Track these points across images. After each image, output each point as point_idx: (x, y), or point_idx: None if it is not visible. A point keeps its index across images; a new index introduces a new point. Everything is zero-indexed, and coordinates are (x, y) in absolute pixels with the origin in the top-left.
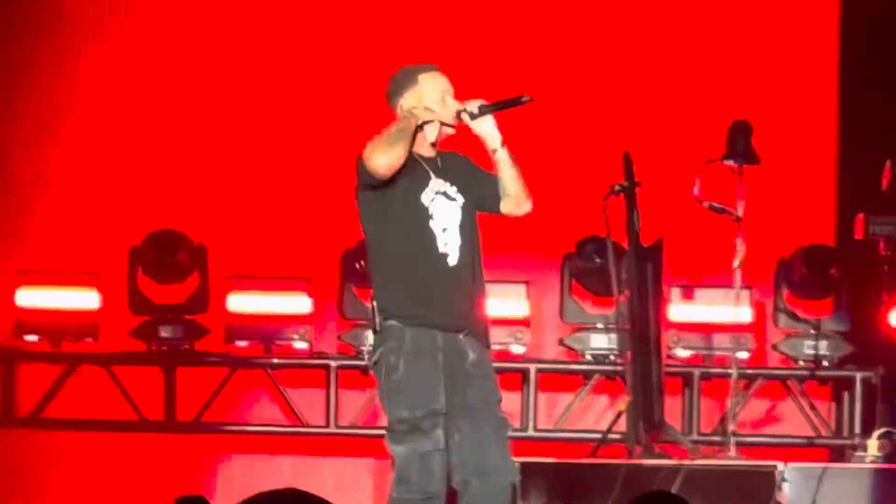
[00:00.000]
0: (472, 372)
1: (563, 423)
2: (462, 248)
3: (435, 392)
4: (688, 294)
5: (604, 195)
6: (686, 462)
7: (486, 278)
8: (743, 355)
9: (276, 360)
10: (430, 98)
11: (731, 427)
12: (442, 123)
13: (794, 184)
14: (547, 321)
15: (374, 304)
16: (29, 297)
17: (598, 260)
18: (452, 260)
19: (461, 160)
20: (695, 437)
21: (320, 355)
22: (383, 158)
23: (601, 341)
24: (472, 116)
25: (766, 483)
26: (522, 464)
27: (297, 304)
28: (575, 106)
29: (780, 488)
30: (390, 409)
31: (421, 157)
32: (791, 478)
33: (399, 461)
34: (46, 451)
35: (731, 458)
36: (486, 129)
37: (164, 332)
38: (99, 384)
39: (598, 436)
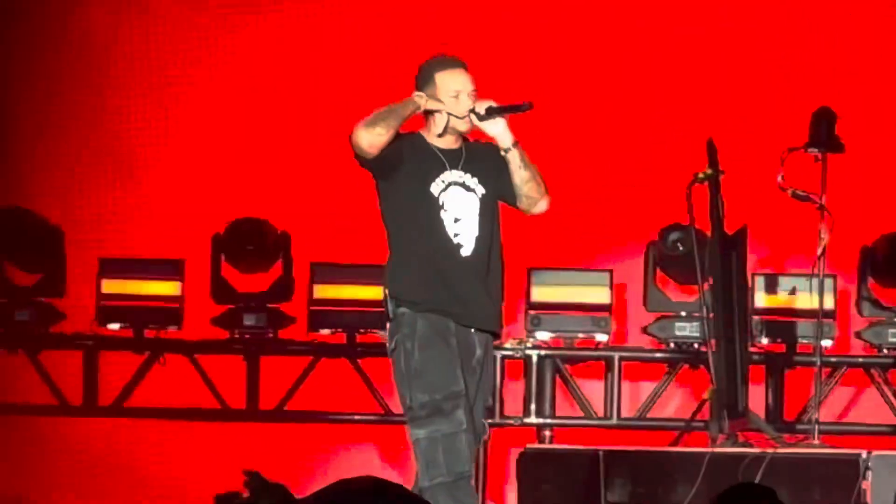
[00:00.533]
0: (476, 369)
1: (647, 412)
2: (479, 240)
3: (453, 374)
4: (771, 282)
5: (687, 183)
6: (770, 450)
7: (571, 265)
8: (826, 343)
9: (360, 349)
10: (443, 98)
11: (814, 415)
12: (451, 116)
13: (878, 171)
14: (630, 309)
15: (387, 291)
16: (112, 285)
17: (681, 248)
18: (466, 250)
19: (490, 151)
20: (778, 425)
21: None
22: (363, 136)
23: (685, 329)
24: (480, 118)
25: (850, 471)
26: (606, 452)
27: (381, 292)
28: (659, 93)
29: (864, 477)
30: (411, 394)
31: (438, 147)
32: (875, 466)
33: (424, 446)
34: (129, 440)
35: (815, 447)
36: (496, 130)
37: (248, 321)
38: (182, 372)
39: (682, 424)
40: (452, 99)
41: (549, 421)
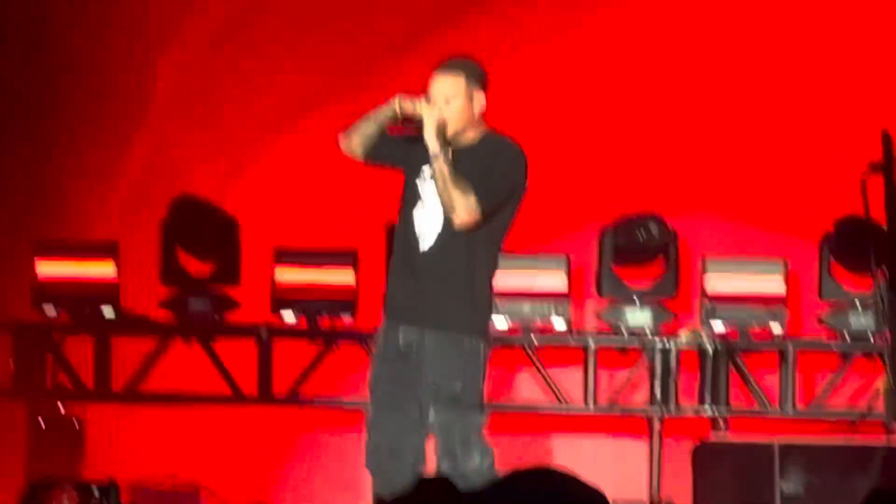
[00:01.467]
0: (410, 356)
1: (822, 403)
2: (441, 235)
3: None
4: None
5: (862, 174)
6: None
7: (745, 255)
8: None
9: (535, 339)
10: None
11: None
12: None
13: None
14: (805, 299)
15: None
16: (286, 275)
17: (855, 239)
18: (425, 244)
19: (479, 155)
20: None
21: (580, 333)
22: (341, 143)
23: (860, 320)
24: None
25: None
26: (781, 444)
27: (555, 281)
28: (834, 83)
29: None
30: None
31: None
32: None
33: None
34: (303, 429)
35: None
36: (425, 137)
37: None
38: (356, 362)
39: (858, 415)
40: (427, 101)
41: (724, 412)
